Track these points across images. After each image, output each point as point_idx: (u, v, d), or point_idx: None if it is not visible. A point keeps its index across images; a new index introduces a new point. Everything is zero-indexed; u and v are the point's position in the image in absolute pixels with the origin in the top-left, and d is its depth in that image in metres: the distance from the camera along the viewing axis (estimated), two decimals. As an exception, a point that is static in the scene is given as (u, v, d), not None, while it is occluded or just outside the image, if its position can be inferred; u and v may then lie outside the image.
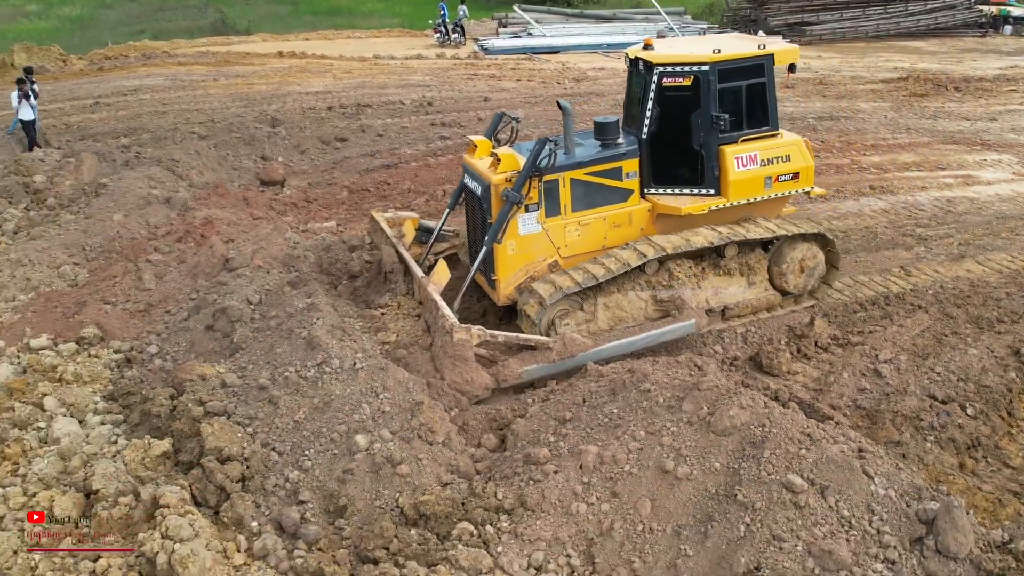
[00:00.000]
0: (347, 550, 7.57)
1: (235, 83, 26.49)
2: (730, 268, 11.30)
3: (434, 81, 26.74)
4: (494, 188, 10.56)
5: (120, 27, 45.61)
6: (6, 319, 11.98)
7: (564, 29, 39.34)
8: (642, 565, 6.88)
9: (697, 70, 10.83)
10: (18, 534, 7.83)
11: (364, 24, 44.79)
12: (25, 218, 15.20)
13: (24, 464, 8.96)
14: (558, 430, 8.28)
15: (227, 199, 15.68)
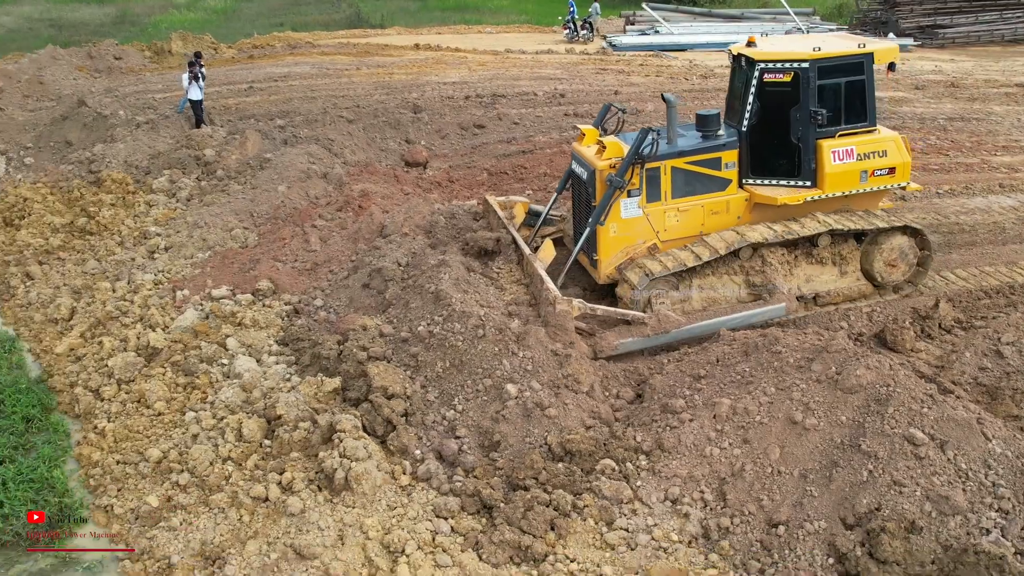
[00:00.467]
0: (500, 478, 8.56)
1: (376, 72, 28.00)
2: (823, 257, 11.77)
3: (564, 75, 27.67)
4: (599, 173, 11.30)
5: (260, 19, 47.92)
6: (187, 273, 13.49)
7: (691, 28, 39.71)
8: (770, 502, 7.65)
9: (797, 67, 11.28)
10: (212, 449, 9.21)
11: (491, 20, 46.02)
12: (197, 187, 16.83)
13: (211, 393, 10.34)
14: (693, 385, 9.10)
15: (378, 176, 16.97)
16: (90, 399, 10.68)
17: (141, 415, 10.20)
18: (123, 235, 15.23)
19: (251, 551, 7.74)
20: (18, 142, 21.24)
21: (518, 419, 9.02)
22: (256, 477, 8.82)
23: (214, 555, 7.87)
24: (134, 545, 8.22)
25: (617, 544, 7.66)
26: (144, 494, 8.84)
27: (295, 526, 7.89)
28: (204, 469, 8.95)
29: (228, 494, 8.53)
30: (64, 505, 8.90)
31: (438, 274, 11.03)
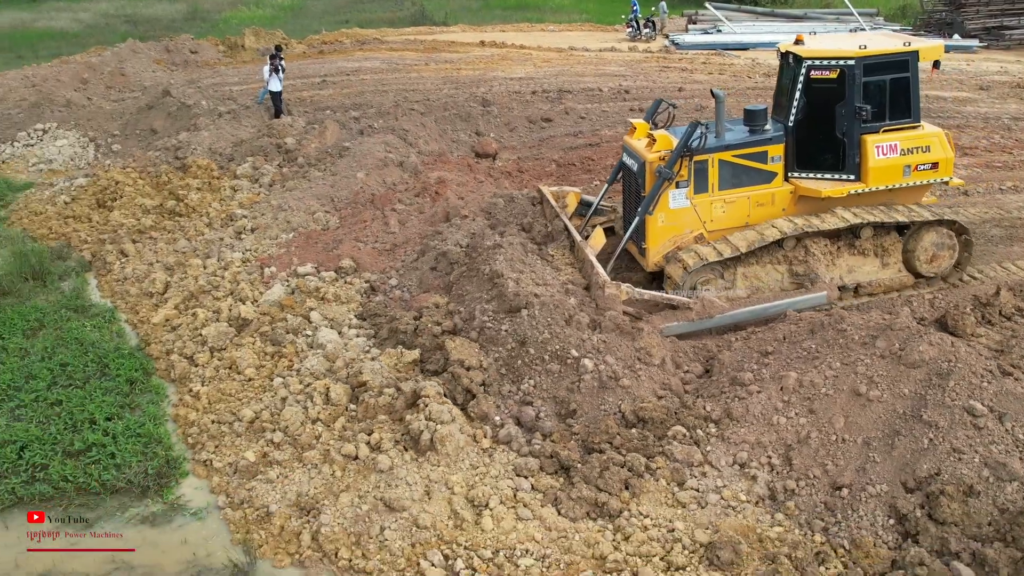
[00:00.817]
0: (576, 442, 9.13)
1: (444, 68, 28.78)
2: (865, 248, 12.09)
3: (628, 72, 28.17)
4: (649, 165, 11.74)
5: (326, 16, 49.03)
6: (273, 252, 14.30)
7: (753, 27, 39.87)
8: (834, 467, 8.14)
9: (843, 64, 11.60)
10: (302, 411, 9.94)
11: (553, 18, 46.61)
12: (278, 173, 17.67)
13: (297, 362, 11.09)
14: (760, 360, 9.60)
15: (451, 165, 17.66)
16: (185, 365, 11.52)
17: (233, 380, 11.02)
18: (211, 217, 16.12)
19: (344, 503, 8.39)
20: (106, 130, 22.38)
21: (593, 389, 9.58)
22: (346, 437, 9.51)
23: (309, 505, 8.52)
24: (233, 496, 8.91)
25: (688, 502, 8.20)
26: (240, 450, 9.58)
27: (384, 481, 8.50)
28: (296, 429, 9.67)
29: (320, 452, 9.21)
30: (170, 458, 9.69)
31: (494, 255, 11.66)
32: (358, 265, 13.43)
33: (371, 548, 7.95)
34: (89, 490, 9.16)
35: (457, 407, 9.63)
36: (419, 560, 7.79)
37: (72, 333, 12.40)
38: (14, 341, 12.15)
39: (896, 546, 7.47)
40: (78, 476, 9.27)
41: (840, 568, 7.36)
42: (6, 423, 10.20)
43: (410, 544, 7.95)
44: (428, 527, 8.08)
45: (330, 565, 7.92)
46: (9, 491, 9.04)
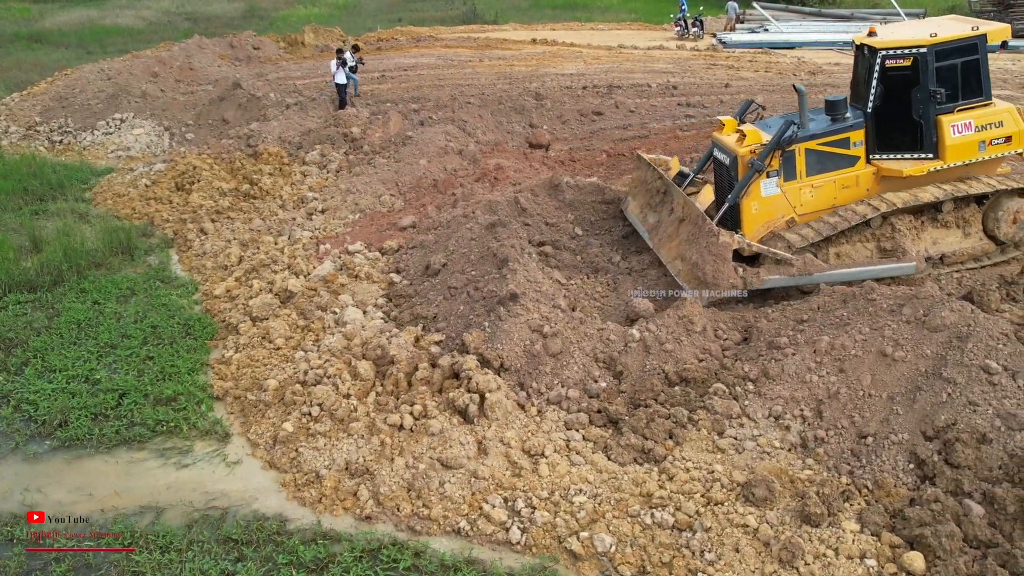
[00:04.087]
0: (623, 399, 10.03)
1: (498, 64, 29.78)
2: (947, 221, 12.92)
3: (676, 69, 28.94)
4: (741, 158, 12.59)
5: (380, 14, 50.19)
6: (340, 231, 15.35)
7: (800, 26, 40.35)
8: (860, 419, 8.97)
9: (916, 52, 12.37)
10: (333, 388, 10.36)
11: (601, 18, 47.38)
12: (345, 160, 18.78)
13: (323, 336, 11.81)
14: (796, 327, 10.44)
15: (508, 154, 18.67)
16: (227, 332, 12.44)
17: (264, 348, 11.80)
18: (283, 199, 17.25)
19: (399, 465, 9.04)
20: (179, 120, 23.69)
21: (639, 353, 10.49)
22: (387, 409, 10.05)
23: (359, 471, 9.13)
24: (277, 464, 9.47)
25: (727, 449, 9.07)
26: (275, 422, 10.10)
27: (438, 443, 9.21)
28: (332, 404, 10.07)
29: (365, 424, 9.76)
30: (216, 421, 10.46)
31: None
32: (401, 246, 14.30)
33: (432, 499, 8.65)
34: (179, 434, 10.17)
35: (499, 377, 10.20)
36: (481, 505, 8.58)
37: (160, 300, 13.56)
38: (109, 306, 13.33)
39: (915, 487, 8.28)
40: (170, 420, 10.33)
41: (863, 505, 8.19)
42: (107, 375, 11.36)
43: (471, 493, 8.72)
44: (487, 478, 8.85)
45: (392, 517, 8.56)
46: (114, 432, 10.14)
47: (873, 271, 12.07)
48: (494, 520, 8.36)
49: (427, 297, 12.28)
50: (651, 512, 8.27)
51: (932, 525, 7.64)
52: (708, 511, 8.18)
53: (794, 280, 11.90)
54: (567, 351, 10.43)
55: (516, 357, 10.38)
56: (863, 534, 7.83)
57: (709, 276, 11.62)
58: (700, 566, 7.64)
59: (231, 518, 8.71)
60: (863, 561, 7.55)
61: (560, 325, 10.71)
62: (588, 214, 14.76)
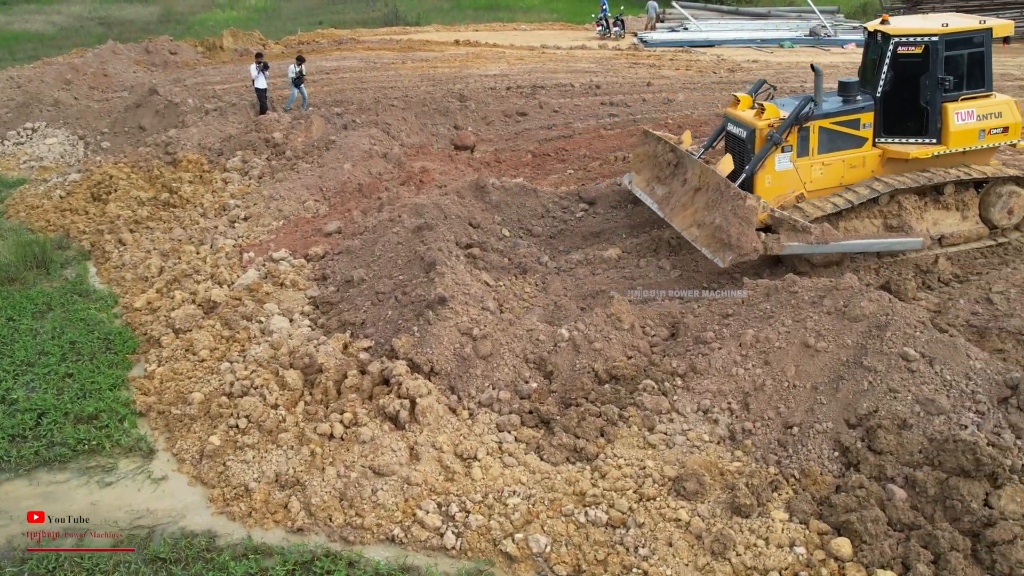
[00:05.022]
0: (555, 399, 10.05)
1: (421, 66, 29.67)
2: (948, 203, 13.55)
3: (599, 68, 29.20)
4: (759, 131, 13.11)
5: (300, 17, 49.67)
6: (264, 238, 15.11)
7: (719, 25, 41.07)
8: (786, 409, 9.14)
9: (928, 40, 13.03)
10: (260, 399, 10.12)
11: (524, 18, 47.60)
12: (267, 166, 18.50)
13: (248, 347, 11.59)
14: (721, 322, 10.59)
15: (433, 156, 18.60)
16: (149, 346, 12.08)
17: (187, 361, 11.50)
18: (205, 207, 16.90)
19: (330, 475, 8.89)
20: (94, 128, 23.06)
21: (569, 353, 10.52)
22: (317, 418, 9.90)
23: (290, 482, 8.98)
24: (205, 479, 9.24)
25: (657, 444, 9.14)
26: (201, 436, 9.86)
27: (369, 450, 9.10)
28: (259, 415, 9.86)
29: (294, 434, 9.60)
30: (140, 438, 10.17)
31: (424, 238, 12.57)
32: (326, 252, 14.15)
33: (365, 508, 8.54)
34: (102, 452, 9.85)
35: (430, 382, 10.12)
36: (414, 511, 8.50)
37: (78, 314, 13.15)
38: (24, 323, 12.88)
39: (840, 474, 8.46)
40: (92, 438, 10.00)
41: (791, 494, 8.34)
42: (25, 394, 10.96)
43: (404, 499, 8.63)
44: (420, 483, 8.77)
45: (325, 528, 8.43)
46: (33, 453, 9.79)
47: (884, 243, 12.83)
48: (428, 526, 8.31)
49: (354, 303, 12.14)
50: (585, 510, 8.29)
51: (857, 511, 7.81)
52: (641, 507, 8.24)
53: (812, 248, 12.33)
54: (497, 353, 10.41)
55: (446, 361, 10.33)
56: (792, 523, 7.98)
57: (734, 238, 11.84)
58: (635, 562, 7.69)
59: (158, 536, 8.48)
60: (792, 549, 7.68)
61: (490, 327, 10.69)
62: (515, 215, 14.78)
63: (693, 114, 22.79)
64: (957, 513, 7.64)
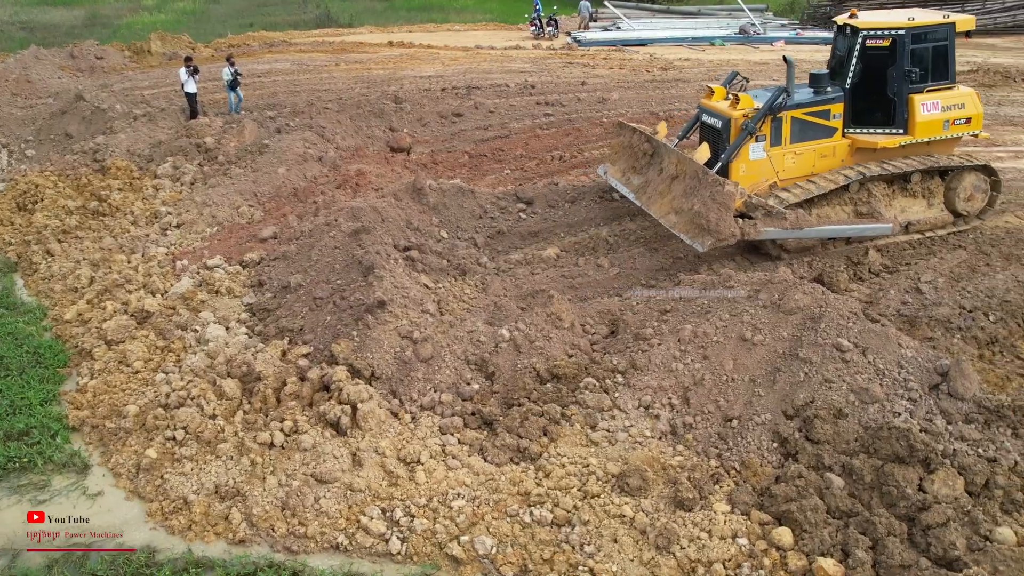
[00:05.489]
0: (497, 400, 10.04)
1: (355, 67, 29.44)
2: (914, 191, 14.02)
3: (534, 68, 29.30)
4: (734, 121, 13.44)
5: (230, 20, 48.88)
6: (197, 246, 14.84)
7: (651, 24, 41.51)
8: (725, 403, 9.26)
9: (895, 33, 13.45)
10: (197, 409, 9.94)
11: (457, 19, 47.54)
12: (199, 172, 18.15)
13: (184, 356, 11.35)
14: (660, 318, 10.70)
15: (369, 159, 18.44)
16: (81, 359, 11.72)
17: (121, 373, 11.16)
18: (135, 215, 16.51)
19: (271, 484, 8.78)
20: (18, 136, 22.35)
21: (510, 353, 10.52)
22: (257, 427, 9.71)
23: (230, 493, 8.81)
24: (142, 493, 9.00)
25: (600, 441, 9.19)
26: (137, 450, 9.57)
27: (311, 458, 8.99)
28: (197, 426, 9.67)
29: (233, 444, 9.42)
30: (74, 453, 9.88)
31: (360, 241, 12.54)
32: (263, 258, 13.95)
33: (308, 516, 8.44)
34: (34, 469, 9.53)
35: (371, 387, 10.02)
36: (358, 517, 8.41)
37: (5, 328, 12.71)
38: (-53, 339, 12.47)
39: (779, 465, 8.62)
40: (23, 455, 9.66)
41: (733, 486, 8.46)
42: (-50, 412, 10.61)
43: (347, 506, 8.55)
44: (363, 490, 8.70)
45: (268, 538, 8.30)
46: (-40, 473, 9.49)
47: (856, 229, 13.25)
48: (373, 532, 8.23)
49: (292, 309, 11.98)
50: (530, 510, 8.30)
51: (797, 500, 7.95)
52: (585, 505, 8.28)
53: (787, 233, 12.65)
54: (438, 355, 10.37)
55: (387, 365, 10.26)
56: (734, 514, 8.09)
57: (712, 224, 12.05)
58: (580, 560, 7.72)
59: (95, 554, 8.26)
60: (735, 540, 7.79)
61: (430, 330, 10.65)
62: (453, 216, 14.74)
63: (628, 112, 22.97)
64: (893, 499, 7.82)
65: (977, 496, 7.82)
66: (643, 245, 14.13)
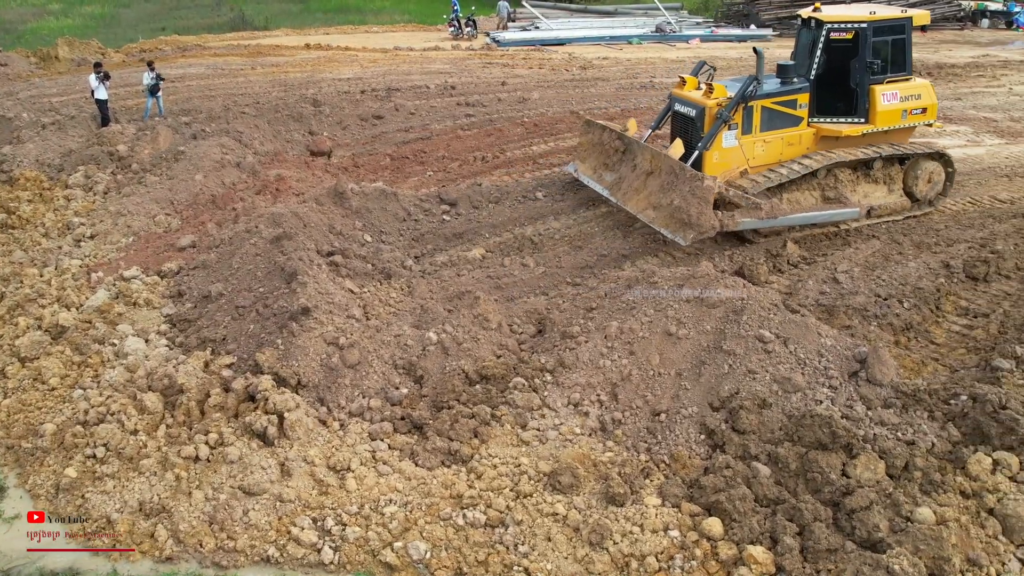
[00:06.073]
0: (426, 403, 9.99)
1: (272, 71, 28.97)
2: (876, 177, 14.75)
3: (453, 69, 29.23)
4: (709, 109, 13.92)
5: (140, 24, 47.67)
6: (112, 257, 14.43)
7: (569, 23, 41.79)
8: (653, 397, 9.36)
9: (858, 26, 14.15)
10: (118, 425, 9.61)
11: (375, 20, 47.18)
12: (113, 181, 17.65)
13: (102, 371, 11.00)
14: (586, 316, 10.77)
15: (288, 164, 18.17)
16: None
17: (36, 391, 10.75)
18: (47, 227, 15.97)
19: (198, 498, 8.57)
20: (-85, 147, 21.45)
21: (438, 355, 10.47)
22: (181, 441, 9.48)
23: (155, 510, 8.56)
24: (63, 513, 8.67)
25: (530, 441, 9.21)
26: (56, 469, 9.26)
27: (238, 470, 8.81)
28: (118, 442, 9.36)
29: (157, 460, 9.17)
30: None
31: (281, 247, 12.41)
32: (182, 267, 13.65)
33: (237, 530, 8.26)
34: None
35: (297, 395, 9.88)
36: (289, 528, 8.27)
37: (-85, 349, 12.21)
38: None
39: (707, 456, 8.75)
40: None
41: (663, 479, 8.55)
42: None
43: (277, 517, 8.39)
44: (293, 500, 8.55)
45: (196, 554, 8.10)
46: None
47: (826, 215, 14.04)
48: (304, 542, 8.11)
49: (214, 319, 11.73)
50: (463, 513, 8.27)
51: (726, 490, 8.07)
52: (518, 504, 8.28)
53: (763, 223, 13.16)
54: (365, 361, 10.27)
55: (313, 372, 10.11)
56: (665, 507, 8.18)
57: (694, 218, 12.47)
58: (515, 560, 7.72)
59: (20, 567, 7.99)
60: (667, 533, 7.88)
61: (356, 335, 10.53)
62: (376, 220, 14.61)
63: (548, 112, 23.09)
64: (818, 485, 8.00)
65: (897, 479, 8.05)
66: (567, 244, 14.22)
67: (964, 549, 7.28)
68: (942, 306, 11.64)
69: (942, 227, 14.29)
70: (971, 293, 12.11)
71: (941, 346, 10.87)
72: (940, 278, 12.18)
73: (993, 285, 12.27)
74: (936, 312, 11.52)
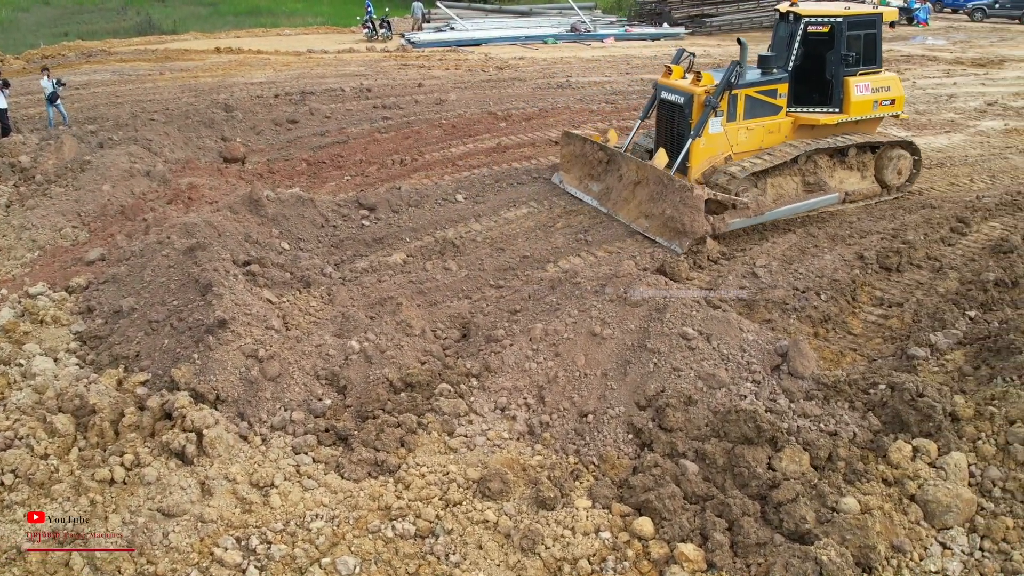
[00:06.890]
0: (350, 414, 9.79)
1: (181, 76, 28.22)
2: (851, 164, 15.52)
3: (369, 71, 28.91)
4: (697, 97, 14.43)
5: (42, 29, 46.11)
6: (16, 273, 13.84)
7: (484, 23, 41.74)
8: (580, 399, 9.33)
9: (834, 20, 14.84)
10: (27, 450, 9.13)
11: (287, 23, 46.47)
12: (15, 193, 16.94)
13: (8, 394, 10.42)
14: (510, 318, 10.71)
15: (201, 171, 17.69)
16: None
17: None
18: (-57, 246, 15.27)
19: (114, 523, 8.21)
20: None
21: (361, 364, 10.28)
22: (95, 463, 9.08)
23: (69, 537, 8.17)
24: None
25: (458, 447, 9.09)
26: None
27: (156, 492, 8.49)
28: (28, 468, 8.95)
29: (69, 484, 8.77)
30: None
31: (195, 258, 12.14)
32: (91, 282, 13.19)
33: (157, 554, 7.95)
34: None
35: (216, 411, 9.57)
36: (211, 550, 7.99)
37: None
38: None
39: (636, 455, 8.74)
40: None
41: (592, 480, 8.52)
42: None
43: (199, 539, 8.11)
44: (215, 520, 8.27)
45: (116, 581, 7.84)
46: None
47: (808, 204, 14.84)
48: (228, 563, 7.84)
49: (126, 335, 11.31)
50: (392, 524, 8.11)
51: (655, 489, 8.08)
52: (448, 513, 8.16)
53: (751, 220, 13.80)
54: (286, 372, 10.01)
55: (232, 387, 9.82)
56: (595, 509, 8.14)
57: (687, 226, 13.16)
58: (447, 570, 7.59)
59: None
60: (599, 535, 7.84)
61: (276, 346, 10.27)
62: (294, 227, 14.32)
63: (466, 113, 22.99)
64: (745, 479, 8.06)
65: (822, 470, 8.17)
66: (489, 246, 14.12)
67: (888, 536, 7.41)
68: (858, 297, 11.90)
69: (855, 219, 14.67)
70: (885, 283, 12.41)
71: (858, 336, 11.10)
72: (855, 269, 12.45)
73: (905, 275, 12.60)
74: (852, 303, 11.76)
